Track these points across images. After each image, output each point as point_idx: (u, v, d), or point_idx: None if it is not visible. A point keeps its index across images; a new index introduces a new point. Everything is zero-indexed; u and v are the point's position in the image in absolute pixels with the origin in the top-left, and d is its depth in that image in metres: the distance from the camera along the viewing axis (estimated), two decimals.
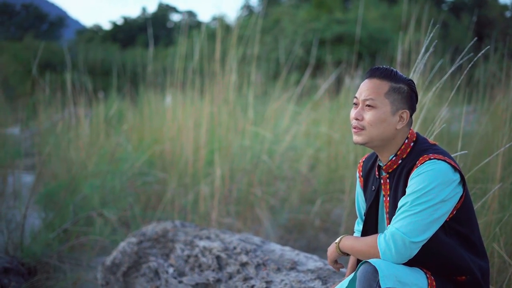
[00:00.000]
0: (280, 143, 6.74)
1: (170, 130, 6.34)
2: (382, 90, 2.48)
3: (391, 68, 2.54)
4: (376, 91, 2.48)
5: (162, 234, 4.13)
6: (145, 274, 3.81)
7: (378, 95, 2.47)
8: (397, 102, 2.48)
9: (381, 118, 2.46)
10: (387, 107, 2.47)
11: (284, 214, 6.43)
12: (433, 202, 2.30)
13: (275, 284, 3.19)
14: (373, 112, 2.47)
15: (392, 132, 2.48)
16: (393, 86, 2.49)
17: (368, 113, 2.48)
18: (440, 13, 28.20)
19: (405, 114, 2.49)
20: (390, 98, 2.48)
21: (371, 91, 2.49)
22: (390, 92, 2.48)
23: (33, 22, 47.27)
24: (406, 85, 2.52)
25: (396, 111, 2.48)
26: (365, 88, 2.51)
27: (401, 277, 2.29)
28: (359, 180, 2.80)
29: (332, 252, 2.63)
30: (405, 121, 2.50)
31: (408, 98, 2.51)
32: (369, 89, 2.50)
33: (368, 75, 2.56)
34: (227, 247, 3.68)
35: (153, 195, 6.32)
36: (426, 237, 2.32)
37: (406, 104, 2.51)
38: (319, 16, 21.53)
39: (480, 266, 2.48)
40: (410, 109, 2.52)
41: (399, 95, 2.49)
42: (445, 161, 2.36)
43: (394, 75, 2.51)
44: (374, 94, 2.48)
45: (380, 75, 2.51)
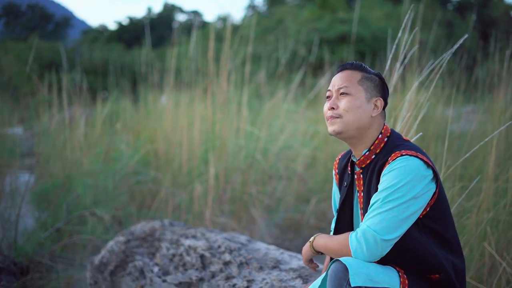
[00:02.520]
0: (275, 142, 6.72)
1: (165, 129, 6.34)
2: (355, 78, 2.50)
3: (361, 62, 2.57)
4: (350, 79, 2.49)
5: (150, 233, 4.12)
6: (131, 273, 3.80)
7: (352, 83, 2.48)
8: (370, 90, 2.49)
9: (357, 104, 2.46)
10: (361, 94, 2.47)
11: (279, 214, 6.42)
12: (405, 199, 2.28)
13: (256, 282, 3.17)
14: (348, 99, 2.47)
15: (368, 120, 2.47)
16: (365, 75, 2.51)
17: (343, 100, 2.48)
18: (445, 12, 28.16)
19: (379, 102, 2.50)
20: (363, 85, 2.49)
21: (344, 80, 2.50)
22: (363, 79, 2.50)
23: (38, 22, 47.40)
24: (376, 77, 2.55)
25: (371, 98, 2.49)
26: (338, 79, 2.53)
27: (372, 275, 2.26)
28: (335, 177, 2.77)
29: (306, 251, 2.61)
30: (380, 109, 2.50)
31: (380, 87, 2.54)
32: (342, 79, 2.51)
33: (339, 69, 2.58)
34: (212, 246, 3.66)
35: (148, 194, 6.31)
36: (398, 235, 2.29)
37: (379, 93, 2.52)
38: (323, 15, 21.53)
39: (454, 264, 2.45)
40: (383, 99, 2.53)
41: (372, 83, 2.51)
42: (417, 157, 2.33)
43: (364, 67, 2.54)
44: (348, 82, 2.49)
45: (351, 66, 2.54)
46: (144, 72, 7.51)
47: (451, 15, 28.10)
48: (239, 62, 6.86)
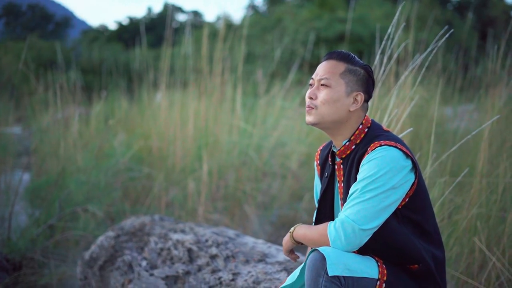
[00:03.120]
0: (269, 139, 6.73)
1: (158, 126, 6.35)
2: (338, 70, 2.47)
3: (349, 52, 2.54)
4: (332, 70, 2.48)
5: (139, 228, 4.12)
6: (120, 268, 3.80)
7: (333, 75, 2.47)
8: (352, 84, 2.47)
9: (334, 97, 2.45)
10: (341, 87, 2.46)
11: (273, 211, 6.43)
12: (383, 188, 2.28)
13: (241, 275, 3.18)
14: (326, 91, 2.46)
15: (345, 114, 2.47)
16: (349, 67, 2.49)
17: (322, 92, 2.47)
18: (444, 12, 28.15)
19: (360, 97, 2.48)
20: (345, 79, 2.47)
21: (326, 71, 2.48)
22: (345, 72, 2.47)
23: (39, 22, 47.44)
24: (362, 69, 2.51)
25: (351, 92, 2.47)
26: (322, 69, 2.51)
27: (350, 265, 2.26)
28: (317, 168, 2.77)
29: (286, 241, 2.60)
30: (359, 104, 2.48)
31: (364, 81, 2.51)
32: (325, 69, 2.49)
33: (325, 57, 2.55)
34: (200, 239, 3.67)
35: (142, 191, 6.32)
36: (377, 225, 2.29)
37: (362, 87, 2.50)
38: (322, 15, 21.53)
39: (434, 255, 2.45)
40: (365, 93, 2.51)
41: (355, 77, 2.48)
42: (396, 147, 2.33)
43: (351, 58, 2.51)
44: (330, 73, 2.47)
45: (337, 56, 2.51)
46: (139, 71, 7.53)
47: (450, 15, 28.10)
48: (237, 60, 6.86)
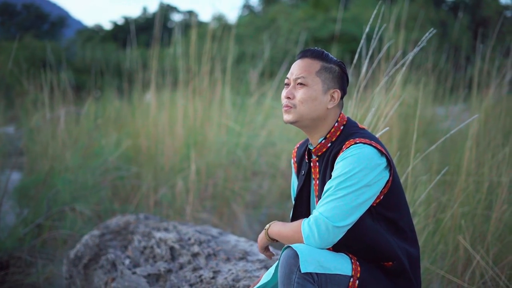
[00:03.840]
0: (257, 138, 6.74)
1: (147, 126, 6.35)
2: (314, 69, 2.48)
3: (323, 49, 2.55)
4: (308, 69, 2.48)
5: (124, 226, 4.13)
6: (103, 266, 3.81)
7: (310, 73, 2.47)
8: (328, 81, 2.48)
9: (312, 96, 2.46)
10: (318, 85, 2.47)
11: (262, 210, 6.44)
12: (357, 186, 2.28)
13: (222, 273, 3.19)
14: (304, 90, 2.47)
15: (323, 111, 2.48)
16: (325, 65, 2.49)
17: (300, 91, 2.48)
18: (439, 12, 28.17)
19: (336, 94, 2.49)
20: (321, 77, 2.47)
21: (302, 70, 2.49)
22: (321, 70, 2.48)
23: (34, 22, 47.33)
24: (337, 66, 2.52)
25: (328, 90, 2.48)
26: (297, 68, 2.51)
27: (323, 262, 2.27)
28: (294, 166, 2.78)
29: (261, 238, 2.60)
30: (336, 101, 2.49)
31: (339, 78, 2.52)
32: (301, 68, 2.50)
33: (299, 56, 2.55)
34: (182, 238, 3.68)
35: (130, 190, 6.32)
36: (350, 222, 2.30)
37: (337, 84, 2.51)
38: (316, 15, 21.55)
39: (408, 252, 2.46)
40: (341, 90, 2.52)
41: (331, 74, 2.49)
42: (371, 145, 2.34)
43: (326, 56, 2.52)
44: (306, 72, 2.48)
45: (312, 55, 2.51)
46: (130, 71, 7.53)
47: (445, 15, 28.13)
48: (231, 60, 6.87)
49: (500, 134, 5.62)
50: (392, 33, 6.82)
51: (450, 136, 6.74)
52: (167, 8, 46.11)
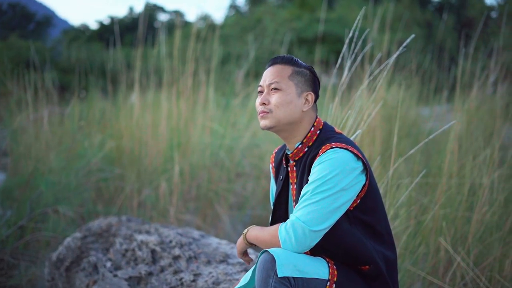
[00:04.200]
0: (241, 140, 6.75)
1: (130, 127, 6.34)
2: (286, 73, 2.51)
3: (292, 56, 2.59)
4: (280, 74, 2.51)
5: (106, 229, 4.13)
6: (85, 269, 3.80)
7: (282, 78, 2.50)
8: (301, 84, 2.51)
9: (287, 99, 2.48)
10: (292, 89, 2.50)
11: (246, 211, 6.44)
12: (334, 190, 2.30)
13: (202, 276, 3.20)
14: (279, 94, 2.49)
15: (299, 114, 2.50)
16: (296, 69, 2.53)
17: (274, 96, 2.50)
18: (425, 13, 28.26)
19: (310, 96, 2.52)
20: (294, 80, 2.51)
21: (275, 75, 2.52)
22: (293, 74, 2.51)
23: (19, 21, 47.03)
24: (307, 70, 2.56)
25: (301, 93, 2.51)
26: (269, 74, 2.54)
27: (300, 266, 2.28)
28: (272, 171, 2.79)
29: (240, 243, 2.61)
30: (311, 103, 2.52)
31: (311, 81, 2.55)
32: (273, 74, 2.53)
33: (270, 63, 2.59)
34: (164, 240, 3.69)
35: (114, 192, 6.31)
36: (327, 226, 2.31)
37: (310, 87, 2.54)
38: (301, 15, 21.57)
39: (385, 256, 2.48)
40: (314, 93, 2.55)
41: (303, 78, 2.53)
42: (347, 149, 2.36)
43: (295, 61, 2.56)
44: (279, 77, 2.51)
45: (282, 61, 2.55)
46: (114, 71, 7.50)
47: (430, 16, 28.23)
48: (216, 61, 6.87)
49: (481, 136, 5.65)
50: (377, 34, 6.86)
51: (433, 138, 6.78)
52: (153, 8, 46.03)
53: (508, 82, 6.95)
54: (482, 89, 6.78)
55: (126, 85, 6.91)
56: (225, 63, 13.22)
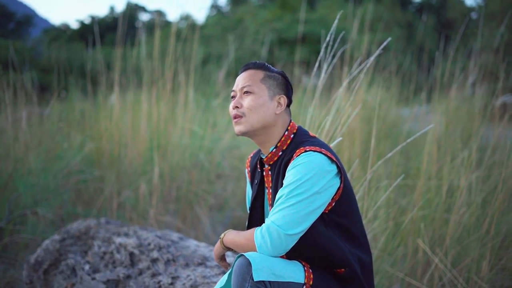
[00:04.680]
0: (220, 141, 6.74)
1: (109, 128, 6.31)
2: (258, 77, 2.54)
3: (264, 62, 2.62)
4: (252, 78, 2.54)
5: (84, 231, 4.11)
6: (63, 271, 3.78)
7: (255, 81, 2.53)
8: (273, 88, 2.54)
9: (260, 102, 2.50)
10: (264, 92, 2.52)
11: (226, 213, 6.44)
12: (308, 194, 2.31)
13: (180, 279, 3.20)
14: (251, 97, 2.51)
15: (272, 117, 2.52)
16: (268, 73, 2.56)
17: (247, 99, 2.52)
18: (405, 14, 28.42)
19: (283, 100, 2.55)
20: (266, 84, 2.53)
21: (247, 79, 2.55)
22: (265, 78, 2.54)
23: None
24: (279, 75, 2.59)
25: (274, 96, 2.53)
26: (242, 79, 2.57)
27: (276, 269, 2.29)
28: (248, 175, 2.81)
29: (217, 247, 2.62)
30: (283, 106, 2.54)
31: (283, 85, 2.58)
32: (245, 78, 2.56)
33: (242, 69, 2.62)
34: (142, 243, 3.68)
35: (94, 193, 6.28)
36: (302, 230, 2.32)
37: (282, 90, 2.57)
38: (282, 16, 21.60)
39: (360, 258, 2.49)
40: (286, 96, 2.58)
41: (275, 81, 2.55)
42: (321, 152, 2.37)
43: (267, 66, 2.59)
44: (251, 81, 2.53)
45: (254, 66, 2.59)
46: (94, 71, 7.47)
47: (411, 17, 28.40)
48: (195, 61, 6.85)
49: (460, 137, 5.69)
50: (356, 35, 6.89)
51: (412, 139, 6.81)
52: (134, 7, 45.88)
53: (487, 83, 7.01)
54: (461, 90, 6.83)
55: (106, 85, 6.87)
56: (206, 64, 13.22)
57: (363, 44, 6.34)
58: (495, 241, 4.04)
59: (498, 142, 5.26)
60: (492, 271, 3.99)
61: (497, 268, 4.02)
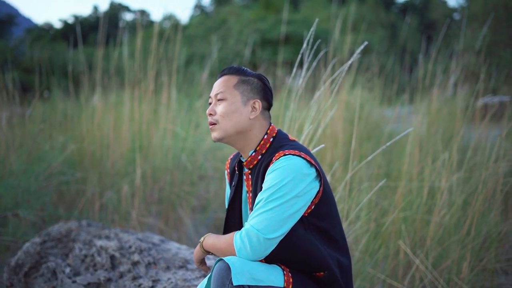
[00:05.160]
0: (203, 143, 6.74)
1: (91, 130, 6.28)
2: (231, 83, 2.54)
3: (241, 66, 2.61)
4: (225, 84, 2.54)
5: (65, 234, 4.09)
6: (44, 274, 3.76)
7: (227, 88, 2.53)
8: (247, 92, 2.53)
9: (232, 109, 2.50)
10: (237, 98, 2.51)
11: (209, 214, 6.43)
12: (287, 197, 2.31)
13: (161, 282, 3.19)
14: (223, 104, 2.51)
15: (246, 122, 2.51)
16: (242, 78, 2.55)
17: (220, 106, 2.53)
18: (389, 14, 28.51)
19: (257, 104, 2.53)
20: (239, 89, 2.53)
21: (221, 86, 2.55)
22: (239, 83, 2.54)
23: None
24: (256, 78, 2.58)
25: (247, 101, 2.52)
26: (216, 85, 2.57)
27: (255, 274, 2.29)
28: (227, 177, 2.80)
29: (197, 251, 2.61)
30: (258, 110, 2.53)
31: (259, 89, 2.56)
32: (219, 85, 2.56)
33: (219, 75, 2.62)
34: (123, 246, 3.67)
35: (76, 195, 6.25)
36: (282, 233, 2.32)
37: (258, 94, 2.56)
38: (266, 16, 21.62)
39: (339, 262, 2.50)
40: (263, 100, 2.57)
41: (249, 86, 2.54)
42: (300, 156, 2.37)
43: (243, 71, 2.58)
44: (224, 87, 2.53)
45: (229, 71, 2.58)
46: (76, 72, 7.43)
47: (394, 17, 28.51)
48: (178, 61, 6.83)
49: (441, 138, 5.72)
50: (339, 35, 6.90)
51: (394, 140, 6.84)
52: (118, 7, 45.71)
53: (468, 84, 7.05)
54: (443, 91, 6.86)
55: (88, 86, 6.84)
56: (189, 64, 13.19)
57: (346, 44, 6.36)
58: (475, 242, 4.06)
59: (479, 143, 5.30)
60: (473, 272, 4.01)
61: (478, 269, 4.05)
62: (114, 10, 45.53)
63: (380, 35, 21.34)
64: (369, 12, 23.30)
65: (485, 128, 5.52)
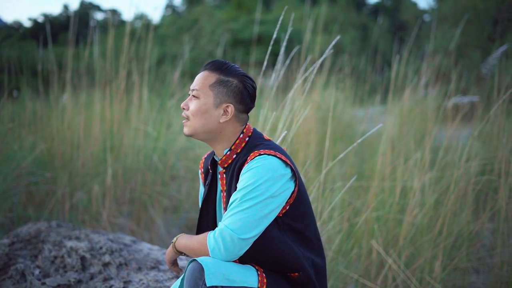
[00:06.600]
0: (175, 143, 6.69)
1: (61, 130, 6.21)
2: (208, 82, 2.47)
3: (227, 62, 2.53)
4: (202, 82, 2.47)
5: (34, 235, 4.02)
6: (12, 277, 3.69)
7: (203, 87, 2.47)
8: (221, 95, 2.46)
9: (202, 109, 2.45)
10: (209, 99, 2.45)
11: (180, 214, 6.39)
12: (262, 197, 2.28)
13: (133, 283, 3.15)
14: (195, 102, 2.47)
15: (216, 125, 2.47)
16: (221, 78, 2.47)
17: (192, 103, 2.48)
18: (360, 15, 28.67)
19: (230, 108, 2.46)
20: (214, 91, 2.46)
21: (198, 82, 2.49)
22: (215, 84, 2.46)
23: None
24: (237, 80, 2.49)
25: (220, 104, 2.46)
26: (196, 79, 2.51)
27: (229, 274, 2.26)
28: (201, 176, 2.76)
29: (169, 252, 2.57)
30: (230, 115, 2.46)
31: (237, 92, 2.48)
32: (197, 80, 2.50)
33: (202, 68, 2.54)
34: (94, 247, 3.62)
35: (46, 196, 6.17)
36: (256, 234, 2.29)
37: (233, 98, 2.48)
38: (238, 16, 21.60)
39: (314, 262, 2.48)
40: (238, 104, 2.49)
41: (225, 89, 2.47)
42: (275, 156, 2.34)
43: (226, 68, 2.49)
44: (200, 85, 2.47)
45: (211, 67, 2.50)
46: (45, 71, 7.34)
47: (366, 18, 28.67)
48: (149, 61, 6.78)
49: (413, 138, 5.75)
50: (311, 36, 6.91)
51: (367, 140, 6.89)
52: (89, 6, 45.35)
53: (439, 85, 7.11)
54: (415, 91, 6.91)
55: (58, 85, 6.75)
56: (161, 64, 13.12)
57: (317, 45, 6.36)
58: (447, 241, 4.09)
59: (450, 143, 5.33)
60: (445, 271, 4.03)
61: (450, 268, 4.07)
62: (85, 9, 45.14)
63: (352, 35, 21.44)
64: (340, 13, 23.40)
65: (456, 128, 5.55)
